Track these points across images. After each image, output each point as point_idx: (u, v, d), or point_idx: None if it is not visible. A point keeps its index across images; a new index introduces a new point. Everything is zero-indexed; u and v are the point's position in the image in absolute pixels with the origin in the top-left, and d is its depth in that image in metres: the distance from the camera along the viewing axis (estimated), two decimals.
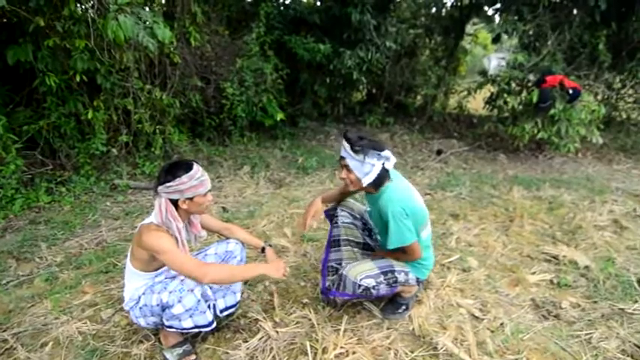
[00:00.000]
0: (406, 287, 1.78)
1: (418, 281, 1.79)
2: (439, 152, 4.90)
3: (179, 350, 1.54)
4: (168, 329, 1.47)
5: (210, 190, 1.49)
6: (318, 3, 5.33)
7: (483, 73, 4.89)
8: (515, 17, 4.22)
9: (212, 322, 1.50)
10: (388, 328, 1.77)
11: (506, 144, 5.13)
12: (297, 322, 1.79)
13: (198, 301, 1.42)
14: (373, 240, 1.95)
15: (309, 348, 1.60)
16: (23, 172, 3.05)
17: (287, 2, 5.32)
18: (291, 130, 5.63)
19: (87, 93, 3.44)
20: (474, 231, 2.77)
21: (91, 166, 3.45)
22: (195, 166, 1.44)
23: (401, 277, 1.68)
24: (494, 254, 2.43)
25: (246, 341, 1.66)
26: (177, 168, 1.42)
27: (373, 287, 1.61)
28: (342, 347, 1.61)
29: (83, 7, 3.10)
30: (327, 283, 1.78)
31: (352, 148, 1.56)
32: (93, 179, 3.40)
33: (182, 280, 1.41)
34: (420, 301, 1.93)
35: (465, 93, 5.31)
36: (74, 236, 2.56)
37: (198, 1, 4.20)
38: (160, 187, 1.41)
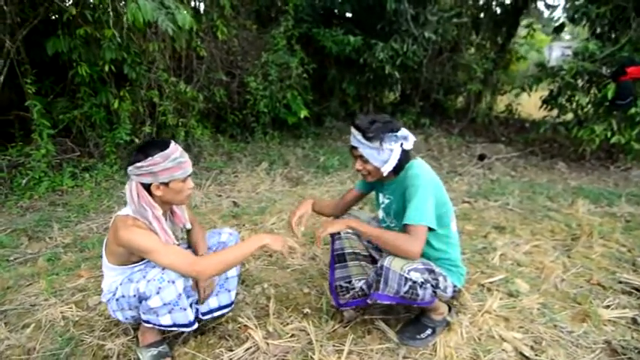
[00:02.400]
0: (438, 305, 1.49)
1: (454, 291, 1.47)
2: (482, 157, 4.41)
3: (154, 351, 1.36)
4: (145, 324, 1.30)
5: (190, 176, 1.30)
6: None
7: (541, 65, 4.29)
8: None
9: (193, 323, 1.31)
10: (405, 357, 1.43)
11: (567, 151, 4.50)
12: (293, 335, 1.52)
13: (179, 295, 1.23)
14: (378, 252, 1.66)
15: None
16: (53, 157, 3.25)
17: None
18: (316, 129, 5.46)
19: (115, 84, 3.61)
20: (525, 248, 2.31)
21: (116, 155, 3.58)
22: (173, 146, 1.27)
23: (441, 281, 1.39)
24: (551, 278, 1.97)
25: (231, 350, 1.45)
26: (150, 146, 1.25)
27: (421, 285, 1.30)
28: None
29: None
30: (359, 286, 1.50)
31: (365, 136, 1.38)
32: (116, 167, 3.52)
33: (163, 269, 1.22)
34: (448, 328, 1.56)
35: (518, 91, 4.74)
36: (87, 220, 2.65)
37: None
38: (130, 168, 1.24)
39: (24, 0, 3.11)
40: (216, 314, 1.53)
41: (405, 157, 1.43)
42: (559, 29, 4.47)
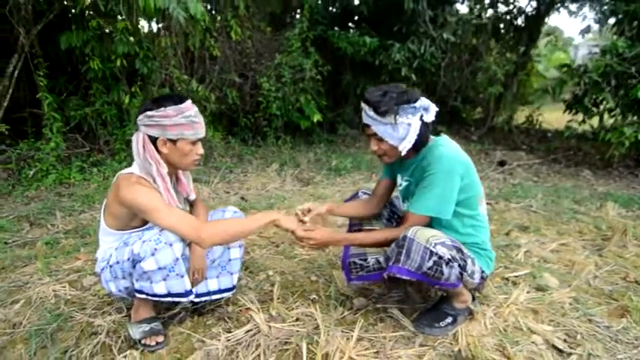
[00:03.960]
0: (462, 290, 1.39)
1: (482, 278, 1.38)
2: (502, 163, 4.31)
3: (145, 327, 1.30)
4: (138, 295, 1.23)
5: (200, 140, 1.27)
6: None
7: (566, 66, 4.20)
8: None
9: (189, 292, 1.24)
10: (422, 345, 1.33)
11: (592, 159, 4.36)
12: (298, 320, 1.45)
13: (176, 259, 1.17)
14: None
15: (304, 351, 1.23)
16: (62, 151, 3.33)
17: None
18: (329, 136, 5.48)
19: (127, 80, 3.71)
20: (551, 246, 2.20)
21: (126, 152, 3.63)
22: (189, 103, 1.25)
23: (469, 264, 1.29)
24: (583, 275, 1.85)
25: (230, 331, 1.38)
26: (165, 98, 1.24)
27: (447, 263, 1.20)
28: (350, 358, 1.21)
29: None
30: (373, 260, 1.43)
31: (377, 111, 1.27)
32: (125, 164, 3.59)
33: (161, 230, 1.18)
34: (471, 317, 1.46)
35: (540, 97, 4.65)
36: (91, 210, 2.66)
37: None
38: (139, 117, 1.22)
39: None
40: (215, 297, 1.47)
41: (427, 131, 1.32)
42: (585, 31, 4.43)
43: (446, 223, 1.35)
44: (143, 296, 1.22)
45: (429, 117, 1.31)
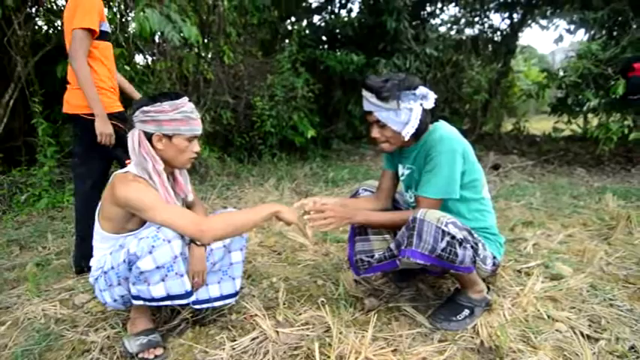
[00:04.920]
0: (476, 279, 1.32)
1: (494, 265, 1.33)
2: (496, 167, 4.31)
3: (143, 339, 1.19)
4: (135, 301, 1.14)
5: (197, 137, 1.23)
6: (353, 14, 5.44)
7: (546, 71, 4.35)
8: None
9: (190, 293, 1.14)
10: (441, 340, 1.24)
11: (583, 158, 4.40)
12: (307, 323, 1.35)
13: (175, 257, 1.08)
14: None
15: (317, 353, 1.13)
16: (55, 175, 3.26)
17: (319, 21, 5.52)
18: (323, 151, 5.48)
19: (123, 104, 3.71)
20: (558, 238, 2.14)
21: None
22: (185, 99, 1.21)
23: (480, 248, 1.25)
24: (595, 262, 1.79)
25: (234, 340, 1.26)
26: (162, 94, 1.21)
27: (460, 243, 1.14)
28: (367, 357, 1.11)
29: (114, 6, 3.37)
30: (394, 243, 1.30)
31: (380, 97, 1.26)
32: None
33: (159, 228, 1.09)
34: (488, 308, 1.37)
35: (524, 103, 4.76)
36: None
37: (233, 23, 4.49)
38: (135, 113, 1.18)
39: (37, 25, 3.30)
40: (217, 304, 1.36)
41: (426, 118, 1.30)
42: (559, 40, 4.63)
43: (452, 207, 1.30)
44: (140, 302, 1.13)
45: (428, 104, 1.30)
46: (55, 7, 3.38)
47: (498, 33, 6.05)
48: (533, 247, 2.00)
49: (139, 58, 4.01)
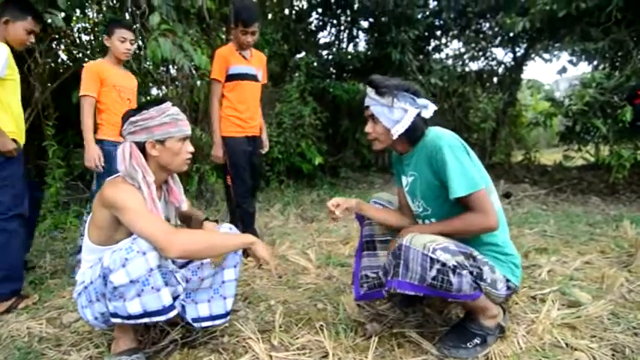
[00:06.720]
0: (488, 305, 1.20)
1: (509, 289, 1.22)
2: (507, 195, 4.23)
3: (126, 359, 1.13)
4: (113, 319, 1.09)
5: (188, 138, 1.25)
6: (359, 48, 5.69)
7: (551, 100, 4.39)
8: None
9: (169, 308, 1.07)
10: None
11: (597, 186, 4.29)
12: (304, 348, 1.27)
13: (150, 270, 1.04)
14: None
15: None
16: (61, 196, 3.33)
17: (327, 54, 5.78)
18: (331, 179, 5.49)
19: None
20: (574, 264, 2.04)
21: None
22: (169, 103, 1.24)
23: (486, 272, 1.14)
24: (616, 289, 1.68)
25: None
26: (145, 104, 1.24)
27: (453, 270, 1.05)
28: None
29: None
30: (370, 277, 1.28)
31: (377, 91, 1.28)
32: None
33: (134, 239, 1.07)
34: (502, 336, 1.28)
35: (532, 127, 4.76)
36: None
37: None
38: (124, 126, 1.21)
39: (58, 53, 3.50)
40: (205, 324, 1.30)
41: (422, 124, 1.29)
42: (562, 71, 4.72)
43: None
44: (118, 320, 1.07)
45: (427, 114, 1.30)
46: (77, 40, 3.62)
47: (502, 66, 6.24)
48: (548, 274, 1.90)
49: (154, 91, 4.23)
